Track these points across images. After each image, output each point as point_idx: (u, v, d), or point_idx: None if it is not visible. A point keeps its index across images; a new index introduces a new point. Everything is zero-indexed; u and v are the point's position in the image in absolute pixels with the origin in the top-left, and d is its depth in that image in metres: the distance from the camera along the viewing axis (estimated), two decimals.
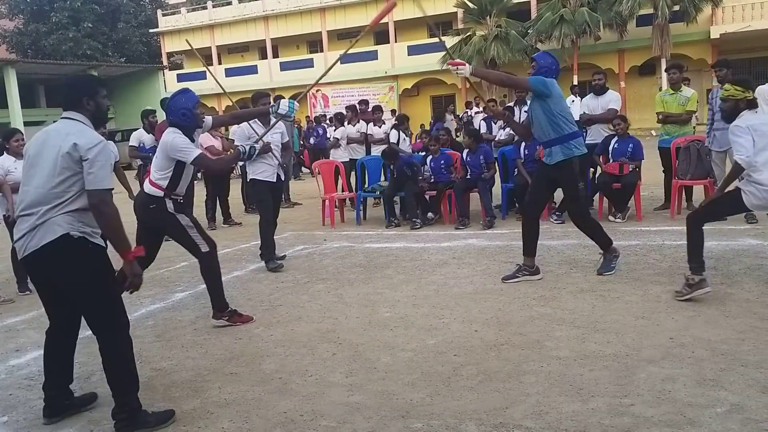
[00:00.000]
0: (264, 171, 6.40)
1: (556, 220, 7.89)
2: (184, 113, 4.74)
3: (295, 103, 5.09)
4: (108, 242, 3.17)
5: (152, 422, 3.20)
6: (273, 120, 5.50)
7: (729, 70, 7.21)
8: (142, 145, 8.91)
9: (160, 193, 4.66)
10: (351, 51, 32.67)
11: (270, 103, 5.85)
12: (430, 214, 8.69)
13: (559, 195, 8.17)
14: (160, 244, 5.02)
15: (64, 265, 3.08)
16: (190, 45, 8.65)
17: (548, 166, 5.40)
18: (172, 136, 4.66)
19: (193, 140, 4.78)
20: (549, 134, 5.27)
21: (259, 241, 6.66)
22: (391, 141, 9.97)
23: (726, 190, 4.80)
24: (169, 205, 4.68)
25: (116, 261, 3.20)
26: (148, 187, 4.73)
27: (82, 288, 3.13)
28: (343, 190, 10.21)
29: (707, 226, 4.79)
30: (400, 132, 10.12)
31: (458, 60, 5.44)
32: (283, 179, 6.86)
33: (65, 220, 3.04)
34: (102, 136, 3.16)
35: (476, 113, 16.59)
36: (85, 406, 3.48)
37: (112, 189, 3.11)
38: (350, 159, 10.44)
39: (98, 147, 3.04)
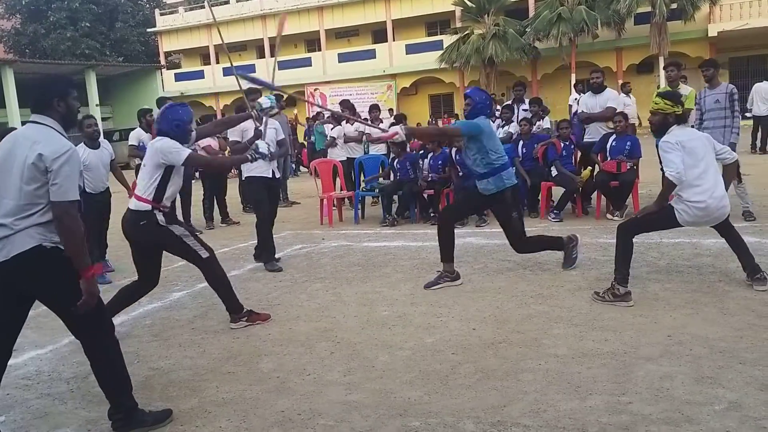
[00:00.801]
0: (258, 167, 6.37)
1: (553, 218, 7.90)
2: (178, 125, 4.60)
3: (272, 97, 5.14)
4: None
5: (149, 421, 3.19)
6: (259, 116, 5.43)
7: (716, 70, 7.24)
8: (141, 143, 8.88)
9: (148, 207, 4.48)
10: (349, 50, 32.65)
11: (260, 97, 5.88)
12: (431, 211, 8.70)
13: (557, 193, 8.19)
14: (160, 261, 4.84)
15: (39, 276, 3.00)
16: (220, 36, 8.61)
17: (480, 193, 5.53)
18: (161, 141, 4.52)
19: None
20: (482, 169, 5.36)
21: (256, 241, 6.65)
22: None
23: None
24: (160, 217, 4.52)
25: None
26: (134, 204, 4.52)
27: (62, 296, 3.04)
28: (341, 189, 10.20)
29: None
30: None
31: (391, 130, 5.57)
32: (278, 176, 6.84)
33: (37, 231, 2.94)
34: (71, 143, 3.02)
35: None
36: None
37: (77, 201, 2.99)
38: (348, 158, 10.43)
39: (64, 157, 2.91)
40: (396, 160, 8.81)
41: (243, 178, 6.67)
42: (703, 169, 4.56)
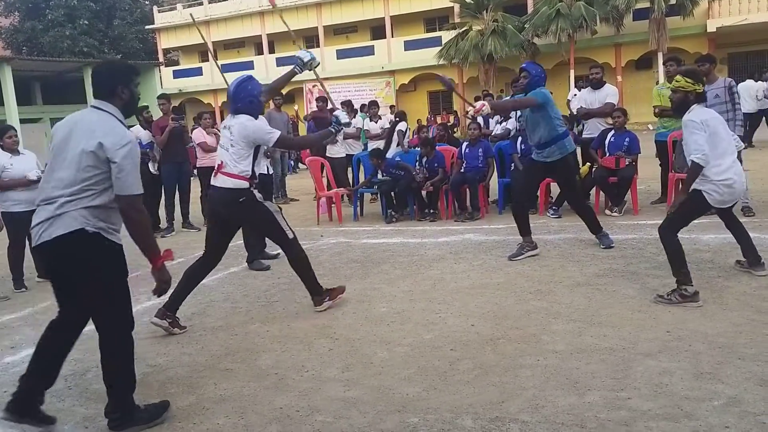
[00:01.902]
0: None
1: (552, 214, 7.89)
2: (251, 101, 4.69)
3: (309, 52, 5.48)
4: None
5: (146, 418, 3.17)
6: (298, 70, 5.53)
7: (712, 65, 7.20)
8: (139, 140, 8.86)
9: (246, 184, 4.58)
10: (347, 46, 32.57)
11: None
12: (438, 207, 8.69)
13: (556, 190, 8.17)
14: (228, 242, 4.90)
15: (75, 259, 3.01)
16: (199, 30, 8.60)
17: (544, 164, 5.86)
18: (253, 121, 4.61)
19: None
20: (547, 137, 5.71)
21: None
22: (400, 130, 10.02)
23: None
24: (257, 194, 4.65)
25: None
26: (231, 182, 4.58)
27: (92, 284, 3.05)
28: (330, 187, 10.11)
29: (704, 219, 4.78)
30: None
31: (478, 104, 5.62)
32: (271, 172, 6.82)
33: (81, 215, 2.96)
34: (131, 134, 3.06)
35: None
36: (43, 424, 3.19)
37: (142, 193, 3.03)
38: (347, 154, 10.41)
39: (126, 149, 2.94)
40: (425, 159, 8.75)
41: None
42: (724, 147, 4.58)
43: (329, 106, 11.24)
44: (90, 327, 4.89)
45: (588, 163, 8.17)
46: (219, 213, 4.74)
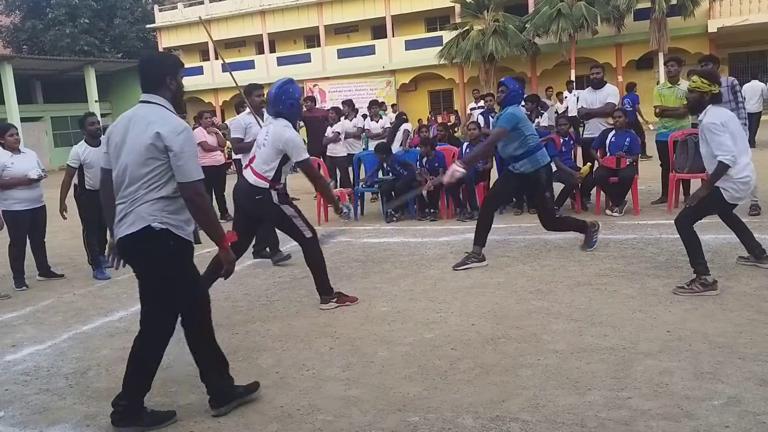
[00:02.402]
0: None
1: None
2: (292, 104, 4.79)
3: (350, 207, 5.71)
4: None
5: (146, 422, 3.16)
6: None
7: (715, 65, 7.21)
8: None
9: (266, 185, 4.72)
10: (348, 46, 32.46)
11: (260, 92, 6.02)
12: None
13: (557, 189, 8.17)
14: (255, 232, 5.18)
15: (145, 256, 3.06)
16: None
17: (516, 175, 5.91)
18: (290, 131, 4.72)
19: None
20: (519, 151, 5.75)
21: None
22: (406, 129, 10.03)
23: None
24: (274, 196, 4.76)
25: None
26: (252, 178, 4.74)
27: (154, 280, 3.11)
28: None
29: (706, 219, 4.81)
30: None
31: (449, 171, 5.74)
32: None
33: (148, 211, 2.98)
34: (185, 122, 3.09)
35: (473, 109, 16.53)
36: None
37: (203, 178, 3.06)
38: (348, 154, 10.42)
39: (183, 136, 2.96)
40: (425, 159, 8.74)
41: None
42: (742, 146, 4.71)
43: (316, 105, 11.26)
44: (88, 325, 4.93)
45: (588, 163, 8.18)
46: (241, 204, 4.94)
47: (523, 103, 9.10)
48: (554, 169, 7.98)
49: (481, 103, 16.49)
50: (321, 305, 4.90)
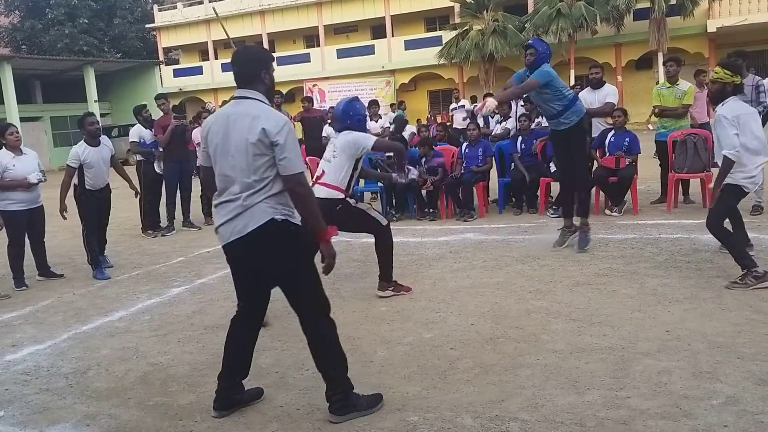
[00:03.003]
0: None
1: (552, 214, 7.89)
2: (359, 120, 5.15)
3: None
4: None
5: (364, 405, 3.14)
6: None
7: (744, 62, 7.21)
8: (143, 140, 8.81)
9: (341, 195, 4.93)
10: (348, 46, 32.46)
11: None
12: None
13: (554, 190, 8.18)
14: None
15: (273, 250, 3.02)
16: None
17: (562, 131, 6.10)
18: (351, 134, 4.98)
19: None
20: (560, 106, 5.98)
21: None
22: (403, 135, 10.02)
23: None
24: (351, 201, 5.05)
25: None
26: (326, 191, 4.87)
27: (292, 271, 3.08)
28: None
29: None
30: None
31: (480, 103, 5.88)
32: None
33: (268, 205, 2.97)
34: (284, 115, 3.09)
35: (453, 109, 16.54)
36: (253, 401, 3.33)
37: (304, 170, 3.04)
38: None
39: (286, 129, 2.95)
40: (423, 159, 8.74)
41: None
42: (756, 146, 4.77)
43: (314, 105, 11.26)
44: (88, 325, 4.93)
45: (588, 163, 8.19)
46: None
47: (522, 103, 9.17)
48: (553, 168, 8.01)
49: (462, 103, 16.47)
50: (378, 292, 5.09)
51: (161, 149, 8.73)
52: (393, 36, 32.15)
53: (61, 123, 31.13)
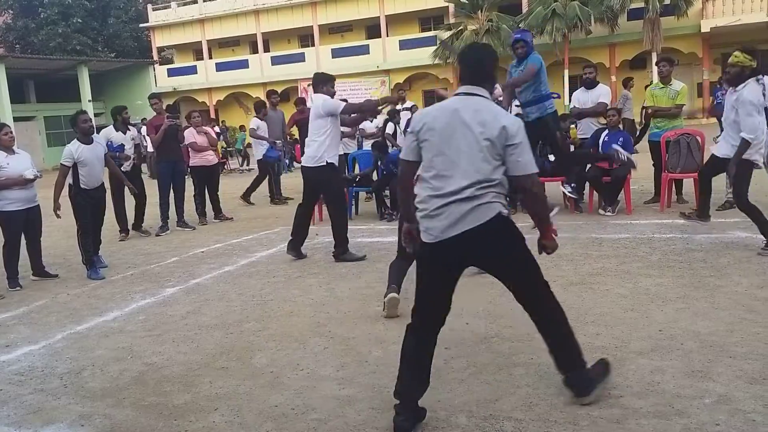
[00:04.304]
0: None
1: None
2: None
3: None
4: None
5: (601, 376, 3.12)
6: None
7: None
8: (110, 143, 8.08)
9: None
10: (342, 45, 32.52)
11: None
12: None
13: (551, 188, 8.20)
14: None
15: (498, 242, 3.01)
16: None
17: (529, 124, 6.04)
18: None
19: None
20: (531, 96, 6.48)
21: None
22: (387, 133, 9.97)
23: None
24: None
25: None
26: None
27: (521, 261, 3.07)
28: None
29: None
30: (396, 125, 10.12)
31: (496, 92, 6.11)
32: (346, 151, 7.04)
33: (496, 200, 2.96)
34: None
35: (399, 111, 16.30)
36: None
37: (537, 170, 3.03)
38: (343, 153, 10.41)
39: (522, 130, 2.93)
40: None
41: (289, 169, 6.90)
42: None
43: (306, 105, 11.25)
44: (82, 325, 4.92)
45: (573, 126, 8.42)
46: None
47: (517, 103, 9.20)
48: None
49: (409, 104, 15.81)
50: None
51: (153, 149, 8.59)
52: (388, 36, 32.18)
53: (55, 122, 31.02)
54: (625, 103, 12.92)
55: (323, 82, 6.45)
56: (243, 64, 34.72)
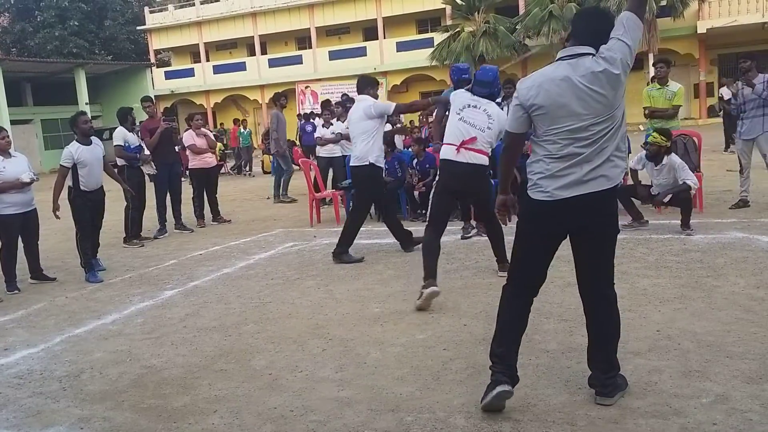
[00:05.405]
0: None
1: None
2: (500, 90, 5.65)
3: None
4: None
5: (624, 386, 3.15)
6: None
7: (753, 62, 7.54)
8: (127, 144, 8.25)
9: (486, 161, 5.16)
10: (340, 47, 32.49)
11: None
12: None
13: None
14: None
15: (609, 212, 3.08)
16: None
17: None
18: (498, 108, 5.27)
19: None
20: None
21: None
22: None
23: None
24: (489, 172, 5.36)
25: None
26: (481, 158, 5.11)
27: (615, 235, 3.13)
28: (317, 188, 9.96)
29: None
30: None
31: None
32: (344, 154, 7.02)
33: (616, 170, 3.01)
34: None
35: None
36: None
37: None
38: (342, 155, 10.42)
39: None
40: (415, 161, 8.75)
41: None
42: None
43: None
44: (81, 328, 4.92)
45: None
46: (453, 186, 5.19)
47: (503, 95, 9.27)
48: None
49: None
50: (499, 273, 5.33)
51: (147, 152, 8.53)
52: (385, 38, 32.19)
53: (52, 125, 30.99)
54: None
55: (370, 86, 6.71)
56: (240, 67, 34.71)
